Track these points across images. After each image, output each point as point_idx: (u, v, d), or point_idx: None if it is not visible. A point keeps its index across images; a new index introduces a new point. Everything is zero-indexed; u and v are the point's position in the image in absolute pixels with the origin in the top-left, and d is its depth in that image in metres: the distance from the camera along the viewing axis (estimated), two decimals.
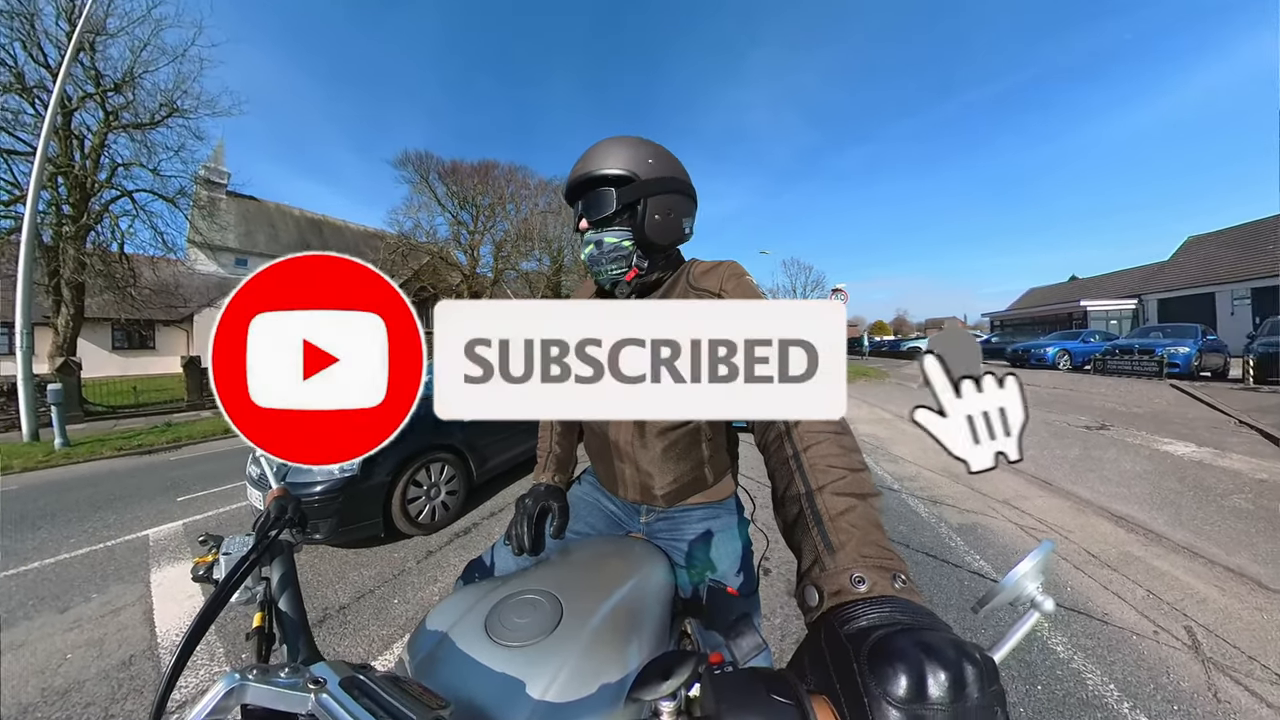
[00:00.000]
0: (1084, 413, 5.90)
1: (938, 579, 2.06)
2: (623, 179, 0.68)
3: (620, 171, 0.68)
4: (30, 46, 8.20)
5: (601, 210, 0.69)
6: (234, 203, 22.39)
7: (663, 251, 0.73)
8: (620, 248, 0.69)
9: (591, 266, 0.73)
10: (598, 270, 0.72)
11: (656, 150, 0.71)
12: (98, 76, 8.95)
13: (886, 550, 0.36)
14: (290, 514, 0.57)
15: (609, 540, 0.76)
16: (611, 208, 0.68)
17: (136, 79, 9.20)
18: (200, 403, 9.00)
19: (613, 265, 0.70)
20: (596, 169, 0.68)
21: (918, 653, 0.25)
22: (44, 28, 8.22)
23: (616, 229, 0.69)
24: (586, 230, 0.71)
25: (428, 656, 0.47)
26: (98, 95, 8.99)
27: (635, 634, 0.50)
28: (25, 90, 8.25)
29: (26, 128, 8.28)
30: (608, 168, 0.68)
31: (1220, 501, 2.90)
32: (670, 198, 0.70)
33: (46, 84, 8.24)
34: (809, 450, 0.44)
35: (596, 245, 0.70)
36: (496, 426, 3.27)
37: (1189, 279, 18.22)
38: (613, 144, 0.70)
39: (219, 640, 1.72)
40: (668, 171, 0.71)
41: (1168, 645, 1.60)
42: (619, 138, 0.71)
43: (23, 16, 8.01)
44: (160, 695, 0.34)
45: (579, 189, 0.71)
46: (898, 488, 3.29)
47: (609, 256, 0.70)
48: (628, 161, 0.68)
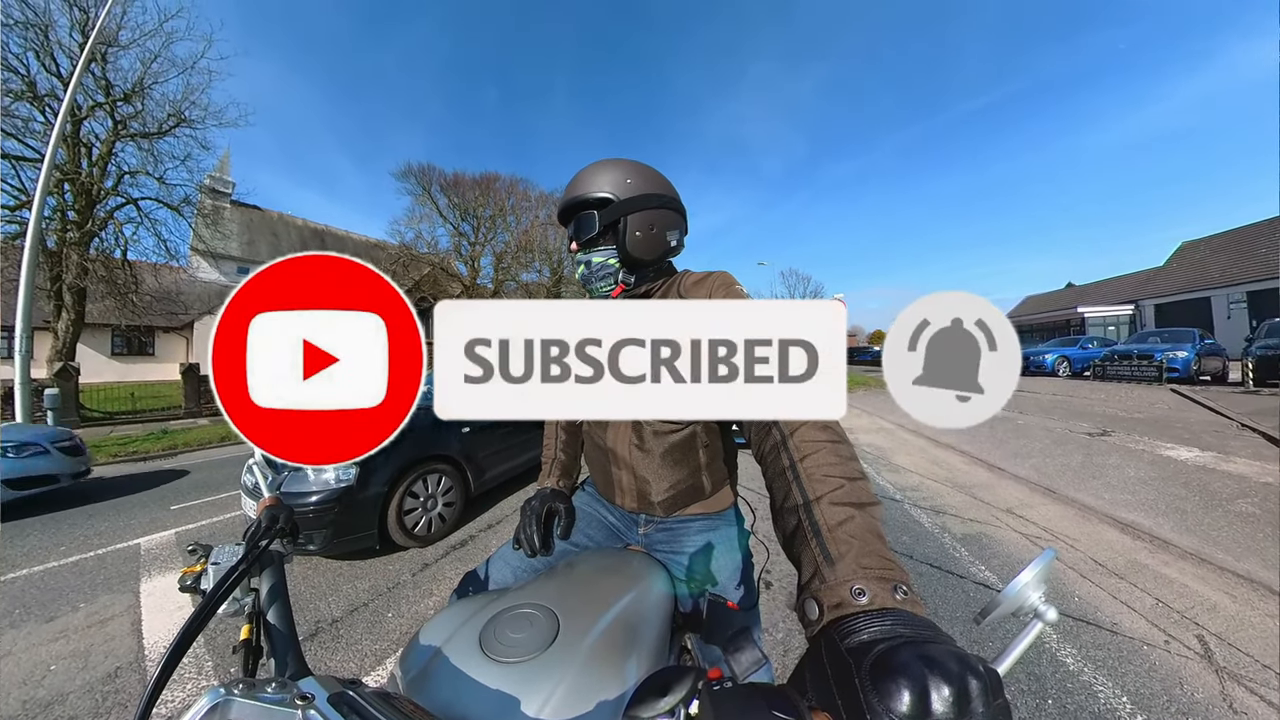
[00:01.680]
0: (1085, 419, 5.89)
1: (942, 591, 2.03)
2: (604, 201, 0.72)
3: (601, 194, 0.72)
4: (43, 56, 8.42)
5: (587, 232, 0.73)
6: (237, 211, 22.63)
7: (650, 266, 0.76)
8: (607, 266, 0.74)
9: (584, 285, 0.78)
10: (591, 289, 0.78)
11: (635, 169, 0.75)
12: (108, 86, 9.15)
13: (887, 560, 0.35)
14: (282, 523, 0.56)
15: (607, 553, 0.75)
16: (595, 229, 0.73)
17: (146, 89, 9.42)
18: (197, 410, 8.97)
19: (602, 283, 0.76)
20: (580, 193, 0.73)
21: (920, 667, 0.24)
22: (58, 38, 8.46)
23: (602, 249, 0.74)
24: (577, 251, 0.77)
25: (420, 673, 0.46)
26: (107, 105, 9.19)
27: (633, 649, 0.49)
28: (37, 98, 8.44)
29: (36, 135, 8.46)
30: (590, 191, 0.73)
31: (1226, 506, 2.87)
32: (651, 214, 0.73)
33: (58, 93, 8.44)
34: (805, 460, 0.44)
35: (586, 265, 0.75)
36: (494, 438, 3.24)
37: (1184, 284, 18.37)
38: (595, 168, 0.75)
39: (207, 653, 1.68)
40: (646, 189, 0.74)
41: (1180, 655, 1.56)
42: (602, 161, 0.76)
43: (38, 28, 8.23)
44: (143, 709, 0.33)
45: (568, 213, 0.77)
46: (900, 498, 3.26)
47: (598, 275, 0.75)
48: (606, 184, 0.73)
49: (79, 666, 1.66)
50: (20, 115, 8.35)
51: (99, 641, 1.82)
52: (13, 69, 8.17)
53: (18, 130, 8.32)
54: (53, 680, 1.58)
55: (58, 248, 8.94)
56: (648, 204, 0.73)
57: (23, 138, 8.37)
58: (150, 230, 9.99)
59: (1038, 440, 4.81)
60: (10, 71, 8.16)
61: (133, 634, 1.87)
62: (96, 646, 1.78)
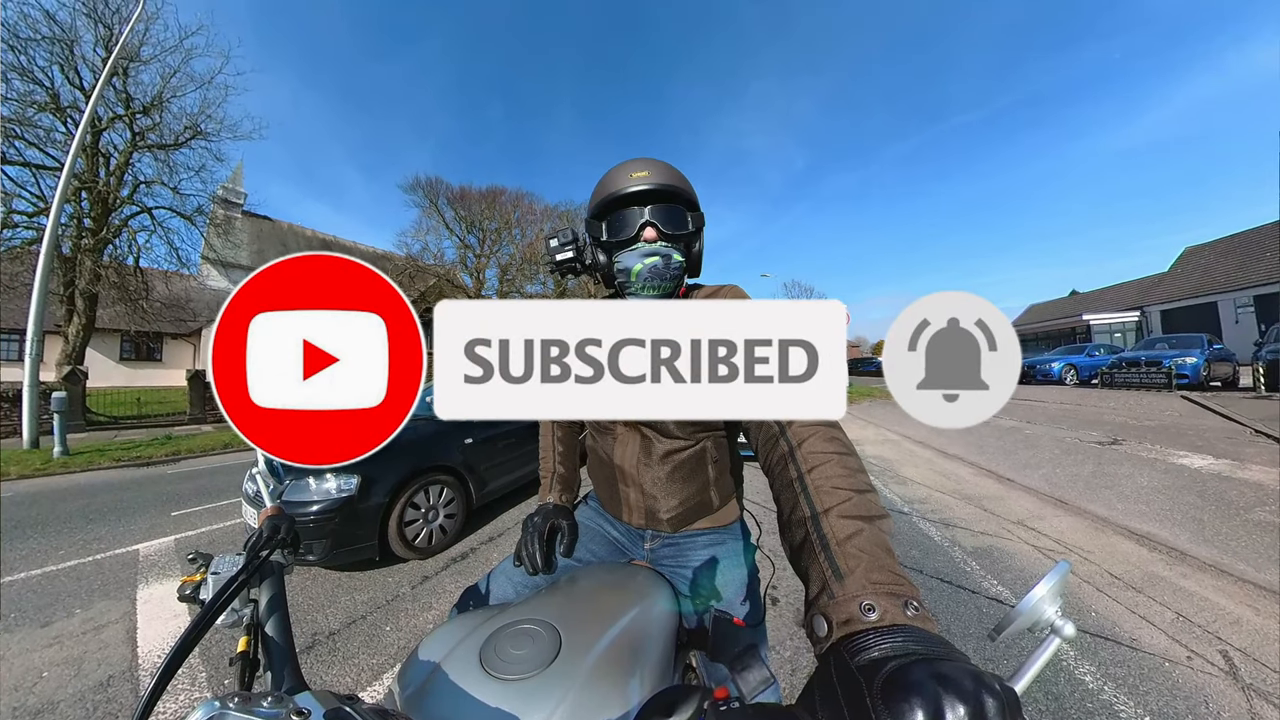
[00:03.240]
0: (1094, 428, 5.79)
1: (954, 606, 1.97)
2: (693, 204, 0.71)
3: (691, 195, 0.70)
4: (68, 70, 8.75)
5: (680, 226, 0.69)
6: (248, 221, 23.10)
7: (694, 276, 0.78)
8: (680, 266, 0.69)
9: (643, 279, 0.67)
10: (650, 285, 0.67)
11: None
12: (128, 99, 9.47)
13: (897, 576, 0.34)
14: (283, 534, 0.55)
15: (611, 568, 0.73)
16: (688, 227, 0.69)
17: (164, 103, 9.73)
18: (202, 416, 9.02)
19: (670, 283, 0.69)
20: (672, 183, 0.67)
21: (934, 685, 0.23)
22: (82, 53, 8.80)
23: (677, 249, 0.69)
24: (655, 241, 0.67)
25: (419, 689, 0.45)
26: (127, 117, 9.49)
27: (637, 667, 0.48)
28: (59, 110, 8.74)
29: (57, 145, 8.73)
30: (681, 185, 0.68)
31: (1244, 515, 2.79)
32: (703, 230, 0.75)
33: (79, 105, 8.74)
34: (813, 472, 0.43)
35: (663, 259, 0.66)
36: (497, 449, 3.22)
37: (1190, 289, 18.24)
38: (668, 166, 0.70)
39: (202, 664, 1.66)
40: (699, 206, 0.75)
41: (1203, 672, 1.51)
42: (666, 163, 0.71)
43: (64, 43, 8.57)
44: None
45: (648, 196, 0.66)
46: (908, 510, 3.20)
47: (672, 272, 0.67)
48: (690, 189, 0.71)
49: (71, 674, 1.63)
50: (43, 126, 8.65)
51: (93, 649, 1.80)
52: (39, 81, 8.48)
53: (40, 140, 8.60)
54: (44, 687, 1.56)
55: (73, 254, 9.14)
56: (703, 221, 0.74)
57: (44, 147, 8.65)
58: (163, 238, 10.24)
59: (1047, 450, 4.73)
60: (36, 84, 8.47)
61: (127, 642, 1.85)
62: (90, 654, 1.76)
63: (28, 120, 8.43)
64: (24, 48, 8.22)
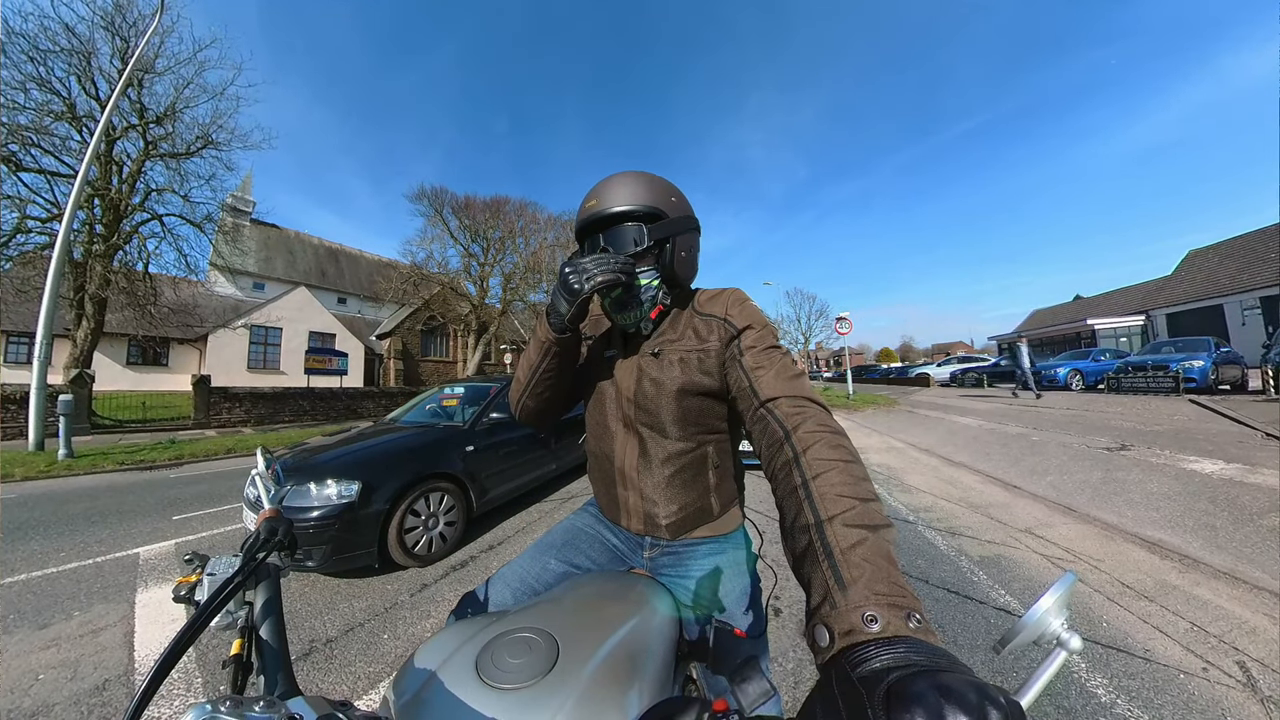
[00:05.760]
0: (1102, 433, 5.70)
1: (962, 617, 1.92)
2: (652, 215, 0.67)
3: (648, 207, 0.66)
4: (85, 81, 8.99)
5: (630, 247, 0.66)
6: (256, 229, 23.47)
7: (681, 288, 0.74)
8: (650, 288, 0.68)
9: (617, 311, 0.70)
10: (625, 316, 0.69)
11: (674, 188, 0.71)
12: (142, 110, 9.71)
13: (900, 587, 0.34)
14: (281, 536, 0.55)
15: (610, 576, 0.72)
16: (643, 243, 0.66)
17: (177, 113, 9.96)
18: (206, 421, 9.07)
19: (641, 308, 0.68)
20: (621, 204, 0.66)
21: (937, 697, 0.23)
22: (99, 65, 9.03)
23: (644, 270, 0.67)
24: None
25: (414, 698, 0.44)
26: (140, 126, 9.72)
27: (636, 678, 0.47)
28: (75, 119, 8.97)
29: (71, 152, 8.95)
30: (634, 203, 0.66)
31: (1258, 521, 2.72)
32: (691, 235, 0.71)
33: (95, 114, 8.97)
34: (818, 479, 0.43)
35: (625, 289, 0.66)
36: (498, 457, 3.21)
37: (1195, 292, 18.09)
38: (633, 179, 0.68)
39: (197, 668, 1.64)
40: (687, 210, 0.71)
41: (1220, 684, 1.46)
42: (635, 172, 0.69)
43: (81, 54, 8.82)
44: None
45: (599, 224, 0.67)
46: (913, 519, 3.15)
47: (638, 298, 0.67)
48: (654, 197, 0.67)
49: (67, 677, 1.62)
50: (59, 134, 8.87)
51: (90, 652, 1.79)
52: (56, 91, 8.71)
53: (55, 148, 8.81)
54: (39, 690, 1.54)
55: (84, 259, 9.30)
56: (689, 225, 0.70)
57: (59, 155, 8.85)
58: (172, 245, 10.40)
59: (1054, 456, 4.66)
60: (54, 94, 8.70)
61: (124, 646, 1.83)
62: (87, 657, 1.75)
63: (45, 129, 8.64)
64: (43, 59, 8.46)
